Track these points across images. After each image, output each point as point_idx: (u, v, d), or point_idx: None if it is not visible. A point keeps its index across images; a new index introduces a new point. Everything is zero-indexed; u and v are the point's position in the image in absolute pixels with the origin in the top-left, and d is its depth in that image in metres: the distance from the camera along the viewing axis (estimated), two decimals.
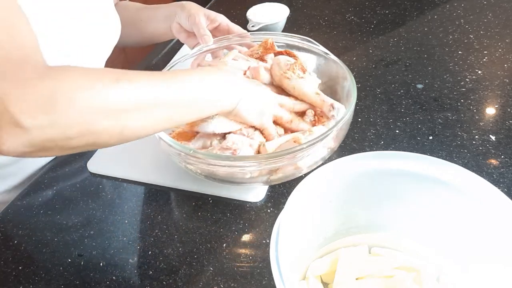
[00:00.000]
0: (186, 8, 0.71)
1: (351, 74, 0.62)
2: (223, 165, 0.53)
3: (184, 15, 0.71)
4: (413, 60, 0.85)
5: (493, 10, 0.98)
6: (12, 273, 0.56)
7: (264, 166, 0.53)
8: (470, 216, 0.42)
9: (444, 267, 0.46)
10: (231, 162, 0.53)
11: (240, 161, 0.53)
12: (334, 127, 0.54)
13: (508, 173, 0.60)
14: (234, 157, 0.54)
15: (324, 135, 0.53)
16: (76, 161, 0.72)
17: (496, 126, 0.68)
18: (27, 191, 0.68)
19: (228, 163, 0.53)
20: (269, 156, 0.52)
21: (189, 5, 0.72)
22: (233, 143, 0.56)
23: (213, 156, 0.54)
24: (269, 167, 0.54)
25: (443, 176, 0.42)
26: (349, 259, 0.47)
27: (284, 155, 0.52)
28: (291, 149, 0.52)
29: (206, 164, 0.54)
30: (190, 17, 0.69)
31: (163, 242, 0.58)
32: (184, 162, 0.56)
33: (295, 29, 1.01)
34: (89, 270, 0.55)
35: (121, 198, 0.65)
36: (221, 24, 0.73)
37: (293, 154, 0.52)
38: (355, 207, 0.48)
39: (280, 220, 0.39)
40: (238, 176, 0.56)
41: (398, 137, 0.68)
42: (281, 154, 0.52)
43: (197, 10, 0.70)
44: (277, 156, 0.52)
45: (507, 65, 0.81)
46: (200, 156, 0.53)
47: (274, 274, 0.35)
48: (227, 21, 0.73)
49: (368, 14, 1.03)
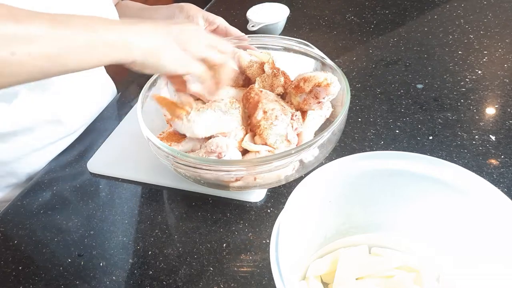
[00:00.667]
0: (184, 10, 0.71)
1: (346, 80, 0.61)
2: (208, 168, 0.52)
3: (183, 17, 0.71)
4: (413, 60, 0.85)
5: (493, 10, 0.98)
6: (12, 273, 0.56)
7: (251, 171, 0.52)
8: (470, 216, 0.42)
9: (444, 267, 0.46)
10: (216, 165, 0.52)
11: (226, 165, 0.52)
12: (327, 131, 0.54)
13: (508, 173, 0.60)
14: (218, 161, 0.53)
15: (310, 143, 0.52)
16: (76, 161, 0.72)
17: (496, 126, 0.68)
18: (27, 191, 0.68)
19: (214, 167, 0.52)
20: (257, 160, 0.52)
21: (188, 7, 0.72)
22: (217, 146, 0.55)
23: (198, 159, 0.52)
24: (255, 172, 0.53)
25: (443, 176, 0.42)
26: (349, 259, 0.47)
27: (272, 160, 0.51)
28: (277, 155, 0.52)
29: (193, 168, 0.53)
30: (189, 19, 0.69)
31: (163, 242, 0.58)
32: (173, 165, 0.56)
33: (295, 29, 1.01)
34: (89, 270, 0.55)
35: (121, 198, 0.65)
36: (219, 26, 0.73)
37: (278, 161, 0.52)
38: (355, 207, 0.48)
39: (280, 220, 0.39)
40: (224, 179, 0.55)
41: (398, 137, 0.68)
42: (267, 159, 0.51)
43: (195, 12, 0.70)
44: (265, 161, 0.51)
45: (507, 65, 0.81)
46: (188, 160, 0.52)
47: (274, 274, 0.35)
48: (225, 23, 0.73)
49: (368, 14, 1.03)
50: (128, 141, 0.72)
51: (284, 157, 0.51)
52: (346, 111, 0.57)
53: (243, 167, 0.52)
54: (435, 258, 0.47)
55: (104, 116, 0.82)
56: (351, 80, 0.82)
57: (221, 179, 0.55)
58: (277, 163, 0.52)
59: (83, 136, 0.77)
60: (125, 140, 0.73)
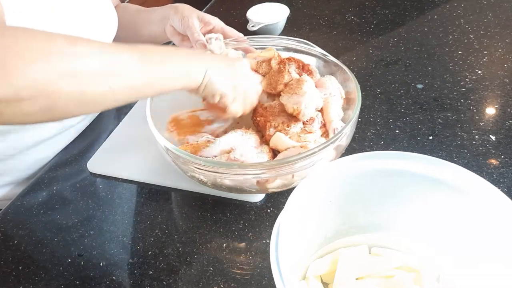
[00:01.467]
0: (179, 11, 0.70)
1: (354, 78, 0.61)
2: (233, 173, 0.52)
3: (177, 18, 0.70)
4: (413, 60, 0.85)
5: (493, 10, 0.98)
6: (12, 273, 0.56)
7: (276, 173, 0.52)
8: (470, 216, 0.42)
9: (444, 267, 0.46)
10: (241, 169, 0.52)
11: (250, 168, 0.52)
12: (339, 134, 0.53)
13: (508, 173, 0.60)
14: (241, 165, 0.53)
15: (332, 139, 0.52)
16: (76, 161, 0.72)
17: (496, 126, 0.68)
18: (27, 191, 0.68)
19: (239, 171, 0.52)
20: (278, 162, 0.51)
21: (182, 7, 0.71)
22: (241, 155, 0.55)
23: (222, 164, 0.52)
24: (278, 174, 0.53)
25: (443, 176, 0.42)
26: (349, 259, 0.47)
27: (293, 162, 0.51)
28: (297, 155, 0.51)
29: (213, 173, 0.53)
30: (183, 19, 0.68)
31: (163, 242, 0.58)
32: (191, 172, 0.55)
33: (295, 29, 1.01)
34: (89, 270, 0.55)
35: (121, 198, 0.65)
36: (216, 27, 0.71)
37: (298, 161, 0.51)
38: (355, 207, 0.48)
39: (280, 220, 0.39)
40: (247, 184, 0.55)
41: (398, 137, 0.68)
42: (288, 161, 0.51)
43: (190, 13, 0.69)
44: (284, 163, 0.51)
45: (507, 65, 0.81)
46: (212, 167, 0.52)
47: (274, 274, 0.35)
48: (221, 23, 0.72)
49: (368, 14, 1.03)
50: (128, 141, 0.72)
51: (319, 149, 0.51)
52: (358, 111, 0.57)
53: (287, 165, 0.51)
54: (435, 258, 0.47)
55: (104, 116, 0.82)
56: None
57: (244, 184, 0.55)
58: (315, 157, 0.51)
59: (83, 136, 0.77)
60: (125, 140, 0.73)
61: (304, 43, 0.69)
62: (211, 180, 0.56)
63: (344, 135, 0.54)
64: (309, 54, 0.69)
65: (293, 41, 0.70)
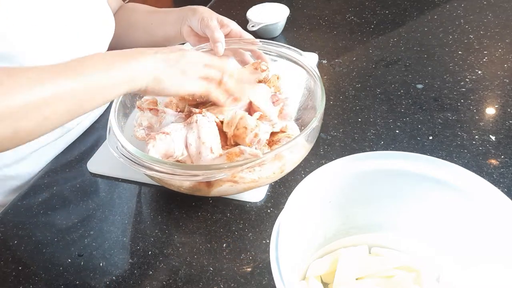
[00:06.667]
0: (198, 12, 0.70)
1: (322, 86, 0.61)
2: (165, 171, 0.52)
3: (196, 18, 0.69)
4: (413, 60, 0.85)
5: (493, 10, 0.98)
6: (12, 273, 0.56)
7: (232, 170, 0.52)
8: (470, 216, 0.42)
9: (444, 267, 0.46)
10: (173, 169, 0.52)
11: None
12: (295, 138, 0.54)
13: (508, 173, 0.60)
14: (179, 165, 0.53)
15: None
16: (76, 161, 0.72)
17: (496, 126, 0.68)
18: (27, 191, 0.68)
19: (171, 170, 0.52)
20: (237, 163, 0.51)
21: (202, 9, 0.71)
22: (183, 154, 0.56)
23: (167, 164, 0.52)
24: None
25: (443, 176, 0.42)
26: (349, 259, 0.47)
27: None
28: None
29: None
30: (203, 20, 0.68)
31: (163, 242, 0.58)
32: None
33: (295, 29, 1.01)
34: (89, 270, 0.55)
35: (121, 198, 0.65)
36: (233, 30, 0.70)
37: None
38: (355, 207, 0.48)
39: (280, 220, 0.39)
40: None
41: (398, 137, 0.68)
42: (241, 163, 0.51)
43: (210, 14, 0.69)
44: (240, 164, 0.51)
45: (507, 65, 0.81)
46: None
47: (274, 274, 0.35)
48: (239, 28, 0.71)
49: (368, 14, 1.03)
50: None
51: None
52: (320, 115, 0.57)
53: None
54: (435, 258, 0.47)
55: (104, 116, 0.82)
56: (351, 80, 0.82)
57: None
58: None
59: (83, 136, 0.77)
60: None
61: (293, 50, 0.68)
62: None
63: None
64: (297, 64, 0.69)
65: (284, 49, 0.70)
